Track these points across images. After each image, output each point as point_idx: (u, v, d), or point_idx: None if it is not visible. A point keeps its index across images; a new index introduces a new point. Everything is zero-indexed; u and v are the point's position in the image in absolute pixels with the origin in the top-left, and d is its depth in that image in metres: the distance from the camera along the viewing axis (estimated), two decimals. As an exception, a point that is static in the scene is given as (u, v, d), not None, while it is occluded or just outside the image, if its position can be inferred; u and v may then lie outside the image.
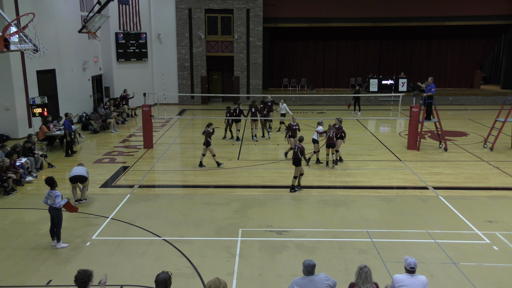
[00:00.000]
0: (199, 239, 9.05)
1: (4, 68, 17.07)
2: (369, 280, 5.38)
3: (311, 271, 5.55)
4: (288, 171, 13.61)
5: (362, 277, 5.37)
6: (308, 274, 5.56)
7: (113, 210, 10.54)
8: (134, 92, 23.50)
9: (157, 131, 19.50)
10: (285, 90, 29.53)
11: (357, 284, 5.40)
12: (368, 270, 5.41)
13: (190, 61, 27.43)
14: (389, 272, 7.68)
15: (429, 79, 16.04)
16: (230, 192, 11.92)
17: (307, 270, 5.56)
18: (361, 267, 5.44)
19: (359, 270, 5.43)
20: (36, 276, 7.66)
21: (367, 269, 5.42)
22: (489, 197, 11.45)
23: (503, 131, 17.21)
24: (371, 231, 9.41)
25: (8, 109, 17.51)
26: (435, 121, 16.35)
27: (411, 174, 13.45)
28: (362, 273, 5.39)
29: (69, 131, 15.43)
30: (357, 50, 30.47)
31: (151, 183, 12.94)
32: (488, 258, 8.22)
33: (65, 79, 20.56)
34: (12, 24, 12.17)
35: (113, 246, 8.72)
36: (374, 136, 18.88)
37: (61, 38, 20.05)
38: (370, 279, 5.39)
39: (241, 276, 7.66)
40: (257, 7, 26.67)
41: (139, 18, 25.67)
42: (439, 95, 26.83)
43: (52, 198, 8.61)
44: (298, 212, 10.47)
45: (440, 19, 28.01)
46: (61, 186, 12.50)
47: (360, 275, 5.39)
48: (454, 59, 30.24)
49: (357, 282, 5.41)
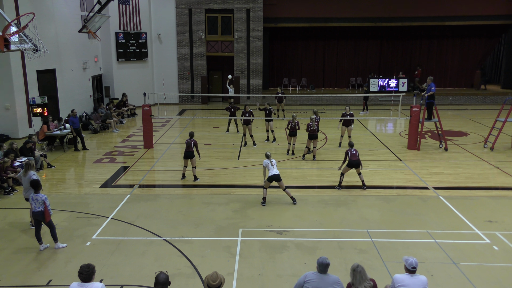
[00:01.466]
0: (199, 239, 9.05)
1: (4, 68, 17.08)
2: (365, 278, 5.34)
3: (323, 270, 5.54)
4: (288, 171, 13.62)
5: (357, 277, 5.33)
6: (320, 272, 5.56)
7: (113, 210, 10.53)
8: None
9: (157, 131, 19.51)
10: (285, 90, 29.49)
11: (353, 285, 5.36)
12: (361, 269, 5.37)
13: (190, 61, 27.43)
14: (389, 272, 7.68)
15: (428, 79, 16.04)
16: (230, 192, 11.91)
17: (320, 268, 5.55)
18: (354, 268, 5.39)
19: (353, 271, 5.38)
20: (36, 276, 7.66)
21: (360, 268, 5.37)
22: (489, 197, 11.45)
23: (504, 131, 17.20)
24: (371, 231, 9.41)
25: (8, 109, 17.51)
26: (435, 121, 16.34)
27: (411, 174, 13.44)
28: (356, 273, 5.35)
29: (74, 127, 16.14)
30: (357, 50, 30.44)
31: (151, 183, 12.94)
32: (488, 258, 8.22)
33: (65, 79, 20.56)
34: (12, 24, 12.18)
35: (113, 246, 8.71)
36: (374, 136, 18.88)
37: (61, 38, 20.05)
38: (365, 277, 5.35)
39: (241, 276, 7.66)
40: (257, 7, 26.67)
41: (139, 18, 25.67)
42: (439, 95, 26.82)
43: (39, 202, 8.42)
44: (298, 212, 10.46)
45: (440, 19, 27.99)
46: (61, 186, 12.53)
47: (355, 276, 5.35)
48: (454, 59, 30.23)
49: (353, 282, 5.37)
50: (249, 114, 16.59)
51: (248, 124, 16.63)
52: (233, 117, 18.51)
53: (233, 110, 18.42)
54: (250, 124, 16.67)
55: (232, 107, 18.44)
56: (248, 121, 16.61)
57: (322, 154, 15.67)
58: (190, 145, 12.50)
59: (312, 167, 14.17)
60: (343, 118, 16.17)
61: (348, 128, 16.36)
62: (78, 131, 16.46)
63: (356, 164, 11.81)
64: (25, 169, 9.49)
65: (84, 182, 13.00)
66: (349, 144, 12.18)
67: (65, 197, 11.49)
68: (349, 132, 16.40)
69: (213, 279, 4.97)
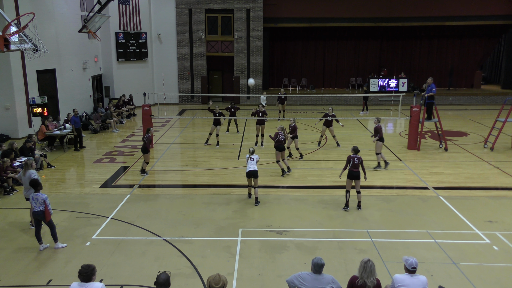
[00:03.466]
0: (199, 239, 9.05)
1: (4, 68, 17.08)
2: (373, 273, 5.42)
3: (318, 270, 5.56)
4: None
5: (367, 270, 5.40)
6: (315, 273, 5.58)
7: (113, 210, 10.53)
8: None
9: (157, 131, 19.50)
10: (285, 90, 29.47)
11: (361, 278, 5.42)
12: (372, 264, 5.45)
13: (190, 61, 27.44)
14: (389, 272, 7.68)
15: (429, 79, 16.04)
16: (230, 192, 11.91)
17: (315, 268, 5.57)
18: (365, 261, 5.47)
19: (364, 264, 5.45)
20: (36, 276, 7.66)
21: (371, 263, 5.45)
22: (489, 197, 11.45)
23: (504, 131, 17.21)
24: (371, 231, 9.41)
25: (8, 109, 17.51)
26: (435, 121, 16.35)
27: (411, 174, 13.44)
28: (367, 266, 5.41)
29: (76, 127, 16.27)
30: (357, 50, 30.44)
31: (151, 183, 12.93)
32: (488, 258, 8.22)
33: (65, 79, 20.56)
34: (12, 24, 12.19)
35: (113, 246, 8.71)
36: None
37: (61, 38, 20.05)
38: (374, 272, 5.43)
39: (241, 276, 7.66)
40: (257, 7, 26.67)
41: (139, 18, 25.68)
42: (439, 95, 26.84)
43: (40, 201, 8.41)
44: (298, 212, 10.46)
45: (440, 19, 28.00)
46: (61, 186, 12.53)
47: (365, 269, 5.42)
48: (454, 59, 30.22)
49: (361, 275, 5.42)
50: (262, 114, 16.68)
51: (262, 124, 16.71)
52: (233, 117, 18.57)
53: (233, 110, 18.44)
54: (264, 124, 16.77)
55: (232, 107, 18.46)
56: (263, 121, 16.68)
57: (322, 154, 15.68)
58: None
59: (312, 167, 14.17)
60: (324, 118, 16.45)
61: (329, 128, 16.55)
62: (78, 131, 16.49)
63: (356, 176, 10.37)
64: (24, 168, 9.52)
65: (84, 182, 13.01)
66: (353, 149, 10.57)
67: (65, 197, 11.49)
68: (331, 132, 16.63)
69: (216, 282, 4.80)
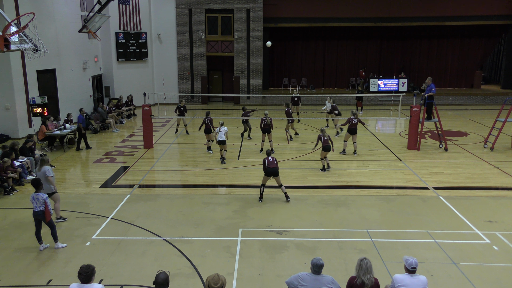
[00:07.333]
0: (199, 239, 9.05)
1: (4, 68, 17.08)
2: (370, 271, 5.46)
3: (317, 271, 5.57)
4: (288, 171, 13.61)
5: (363, 268, 5.44)
6: (314, 273, 5.58)
7: (113, 210, 10.53)
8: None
9: (157, 131, 19.51)
10: (285, 90, 29.53)
11: (358, 276, 5.46)
12: (368, 262, 5.49)
13: (190, 61, 27.43)
14: (389, 272, 7.68)
15: (428, 79, 16.04)
16: (230, 192, 11.92)
17: (314, 269, 5.58)
18: (361, 259, 5.53)
19: (360, 262, 5.51)
20: (36, 276, 7.66)
21: (367, 261, 5.50)
22: (489, 197, 11.45)
23: (504, 131, 17.21)
24: (371, 231, 9.41)
25: (8, 109, 17.51)
26: (435, 121, 16.34)
27: (411, 174, 13.44)
28: (363, 264, 5.46)
29: (83, 125, 16.48)
30: (357, 50, 30.45)
31: (151, 183, 12.93)
32: (488, 258, 8.22)
33: (65, 79, 20.56)
34: (12, 24, 12.18)
35: (113, 246, 8.71)
36: (374, 136, 18.88)
37: (61, 38, 20.05)
38: (370, 270, 5.47)
39: (241, 276, 7.66)
40: (257, 7, 26.67)
41: (139, 18, 25.67)
42: (439, 95, 26.84)
43: (40, 201, 8.42)
44: (298, 212, 10.46)
45: (440, 19, 27.99)
46: (61, 186, 12.52)
47: (361, 266, 5.47)
48: (454, 59, 30.23)
49: (358, 274, 5.47)
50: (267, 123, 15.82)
51: (269, 132, 15.92)
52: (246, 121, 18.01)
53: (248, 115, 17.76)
54: (270, 132, 15.95)
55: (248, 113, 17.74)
56: (269, 130, 15.87)
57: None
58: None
59: (312, 167, 14.16)
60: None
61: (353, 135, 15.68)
62: (83, 130, 16.50)
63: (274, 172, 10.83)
64: (40, 164, 9.81)
65: (84, 182, 13.01)
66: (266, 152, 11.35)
67: (65, 197, 11.46)
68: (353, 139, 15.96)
69: (215, 282, 4.87)
